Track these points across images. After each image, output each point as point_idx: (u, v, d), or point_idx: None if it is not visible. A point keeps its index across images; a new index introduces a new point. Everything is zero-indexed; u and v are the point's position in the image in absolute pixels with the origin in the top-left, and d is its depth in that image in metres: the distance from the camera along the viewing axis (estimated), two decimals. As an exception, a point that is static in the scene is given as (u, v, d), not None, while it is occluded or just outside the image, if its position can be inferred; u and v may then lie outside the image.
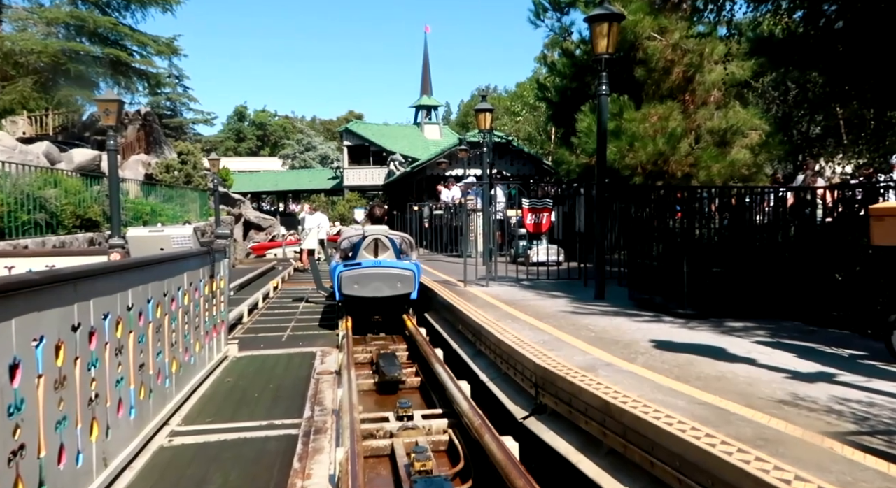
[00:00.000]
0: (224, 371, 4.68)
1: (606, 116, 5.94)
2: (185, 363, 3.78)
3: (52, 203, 7.09)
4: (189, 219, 13.17)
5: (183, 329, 3.77)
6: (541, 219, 6.70)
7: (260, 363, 4.99)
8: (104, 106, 6.28)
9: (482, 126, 10.23)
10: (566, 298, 5.93)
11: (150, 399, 3.09)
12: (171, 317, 3.51)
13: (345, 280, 6.32)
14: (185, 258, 3.73)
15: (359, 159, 31.33)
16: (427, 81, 33.16)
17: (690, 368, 2.93)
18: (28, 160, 8.53)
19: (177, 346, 3.59)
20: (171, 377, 3.46)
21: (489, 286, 6.78)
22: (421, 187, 18.07)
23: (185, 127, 39.70)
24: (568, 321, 4.54)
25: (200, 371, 4.20)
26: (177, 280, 3.62)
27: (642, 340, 3.72)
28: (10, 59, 14.47)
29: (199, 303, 4.19)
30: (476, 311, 5.00)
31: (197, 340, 4.15)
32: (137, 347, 2.90)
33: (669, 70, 11.49)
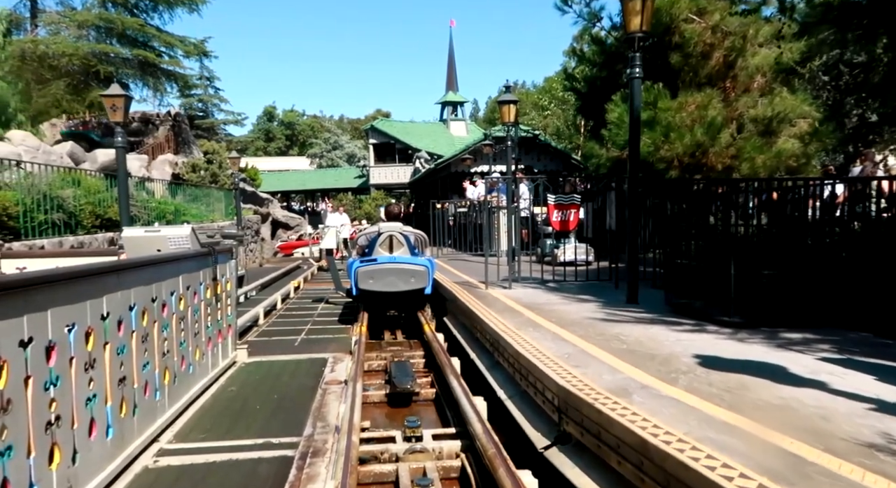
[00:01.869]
0: (229, 379, 4.44)
1: (640, 102, 5.46)
2: (180, 373, 3.53)
3: (70, 203, 7.04)
4: (214, 219, 13.18)
5: (178, 336, 3.52)
6: (568, 216, 6.26)
7: (267, 370, 4.74)
8: (111, 101, 6.15)
9: (506, 119, 9.82)
10: (595, 302, 5.49)
11: (135, 415, 2.84)
12: (162, 324, 3.25)
13: (360, 275, 6.24)
14: (176, 260, 3.47)
15: (384, 157, 31.21)
16: (452, 77, 32.76)
17: (745, 394, 2.47)
18: (52, 160, 8.59)
19: (169, 356, 3.34)
20: (161, 389, 3.20)
21: (512, 288, 6.39)
22: (445, 184, 17.72)
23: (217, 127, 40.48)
24: (596, 330, 4.11)
25: (201, 379, 3.96)
26: (169, 284, 3.37)
27: (683, 355, 3.27)
28: (44, 62, 14.81)
29: (198, 307, 3.95)
30: (494, 317, 4.62)
31: (197, 348, 3.91)
32: (116, 360, 2.64)
33: (708, 55, 10.77)
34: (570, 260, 8.59)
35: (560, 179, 13.98)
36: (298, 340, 6.02)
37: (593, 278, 6.98)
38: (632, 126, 5.48)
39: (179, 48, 17.38)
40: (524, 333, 3.98)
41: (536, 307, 5.15)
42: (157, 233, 3.85)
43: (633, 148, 5.50)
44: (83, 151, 10.85)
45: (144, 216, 8.90)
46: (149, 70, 16.73)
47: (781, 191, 5.75)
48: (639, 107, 5.45)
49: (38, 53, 14.10)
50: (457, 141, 28.04)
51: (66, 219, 6.93)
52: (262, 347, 5.65)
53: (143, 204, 9.15)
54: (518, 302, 5.47)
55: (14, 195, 6.30)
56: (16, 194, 6.27)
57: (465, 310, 5.37)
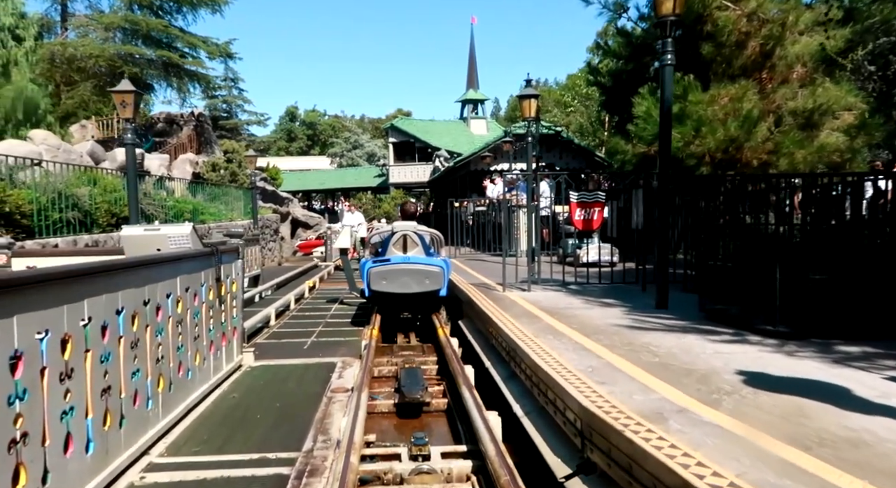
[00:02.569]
0: (233, 384, 4.25)
1: (671, 92, 5.10)
2: (177, 380, 3.33)
3: (86, 201, 7.00)
4: (232, 217, 13.15)
5: (175, 341, 3.33)
6: (591, 214, 5.92)
7: (273, 375, 4.54)
8: (120, 98, 6.05)
9: (527, 114, 9.43)
10: (620, 307, 5.14)
11: (122, 428, 2.64)
12: (156, 328, 3.06)
13: (373, 276, 6.03)
14: (173, 260, 3.28)
15: (404, 156, 31.07)
16: (473, 74, 32.43)
17: (805, 422, 2.13)
18: (71, 159, 8.60)
19: (164, 362, 3.15)
20: (154, 398, 3.01)
21: (531, 290, 6.08)
22: (465, 183, 17.42)
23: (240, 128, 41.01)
24: (623, 338, 3.79)
25: (202, 386, 3.77)
26: (165, 285, 3.18)
27: (725, 371, 2.93)
28: (72, 64, 15.04)
29: (199, 310, 3.76)
30: (511, 323, 4.33)
31: (197, 352, 3.72)
32: (99, 369, 2.44)
33: (743, 44, 10.23)
34: (594, 261, 8.24)
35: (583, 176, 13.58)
36: (308, 343, 5.82)
37: (618, 280, 6.62)
38: (662, 118, 5.12)
39: (202, 49, 17.51)
40: (543, 342, 3.68)
41: (557, 312, 4.84)
42: (157, 231, 3.67)
43: (663, 141, 5.14)
44: (104, 150, 10.92)
45: (161, 215, 8.86)
46: (172, 71, 16.88)
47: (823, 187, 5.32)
48: (670, 97, 5.09)
49: (66, 56, 14.33)
50: (477, 139, 27.71)
51: (82, 218, 6.89)
52: (270, 350, 5.47)
53: (161, 202, 9.11)
54: (537, 305, 5.17)
55: (28, 194, 6.27)
56: (30, 193, 6.23)
57: (481, 313, 5.09)
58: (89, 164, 8.88)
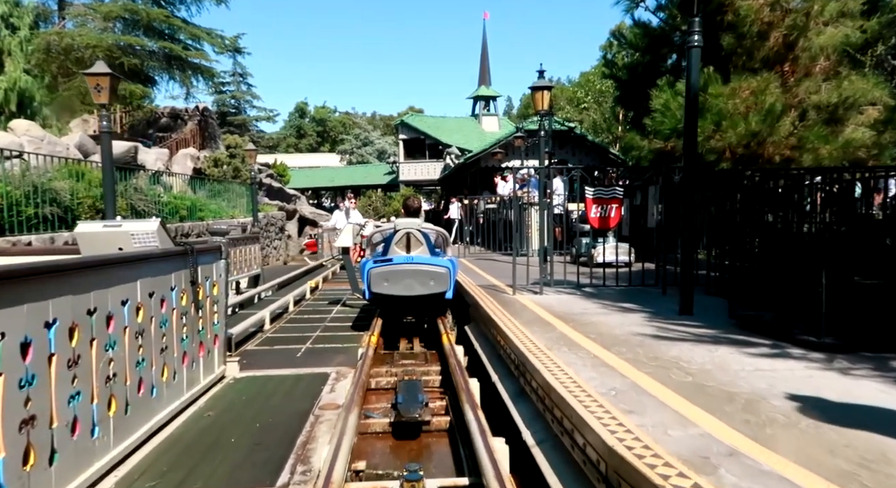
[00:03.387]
0: (211, 399, 3.83)
1: (698, 77, 4.59)
2: (136, 401, 2.91)
3: (65, 195, 6.63)
4: (234, 214, 12.82)
5: (133, 355, 2.91)
6: (608, 211, 5.42)
7: (258, 388, 4.12)
8: (95, 81, 5.62)
9: (539, 107, 8.98)
10: (641, 313, 4.65)
11: (53, 464, 2.22)
12: (106, 342, 2.64)
13: (374, 276, 5.60)
14: (130, 262, 2.85)
15: (414, 153, 30.64)
16: (485, 71, 31.87)
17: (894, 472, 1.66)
18: (57, 152, 8.28)
19: (116, 381, 2.72)
20: (103, 424, 2.59)
21: (543, 293, 5.59)
22: (475, 180, 16.95)
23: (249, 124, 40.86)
24: (648, 351, 3.30)
25: (171, 404, 3.35)
26: (119, 291, 2.75)
27: (772, 394, 2.44)
28: (69, 54, 14.78)
29: (167, 318, 3.34)
30: (521, 331, 3.86)
31: (165, 366, 3.30)
32: (16, 396, 2.02)
33: (766, 35, 9.66)
34: (609, 261, 7.74)
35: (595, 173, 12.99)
36: (302, 350, 5.40)
37: (636, 282, 6.11)
38: (688, 105, 4.62)
39: (207, 41, 17.18)
40: (557, 355, 3.21)
41: (571, 318, 4.36)
42: (118, 228, 3.26)
43: (689, 131, 4.63)
44: (94, 143, 10.61)
45: (154, 211, 8.51)
46: (175, 63, 16.57)
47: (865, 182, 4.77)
48: (697, 82, 4.58)
49: (63, 46, 14.06)
50: (489, 136, 27.17)
51: (61, 214, 6.53)
52: (260, 358, 5.05)
53: (154, 198, 8.76)
54: (549, 311, 4.68)
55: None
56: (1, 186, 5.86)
57: (488, 319, 4.62)
58: (77, 157, 8.56)
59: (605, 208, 5.44)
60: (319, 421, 3.42)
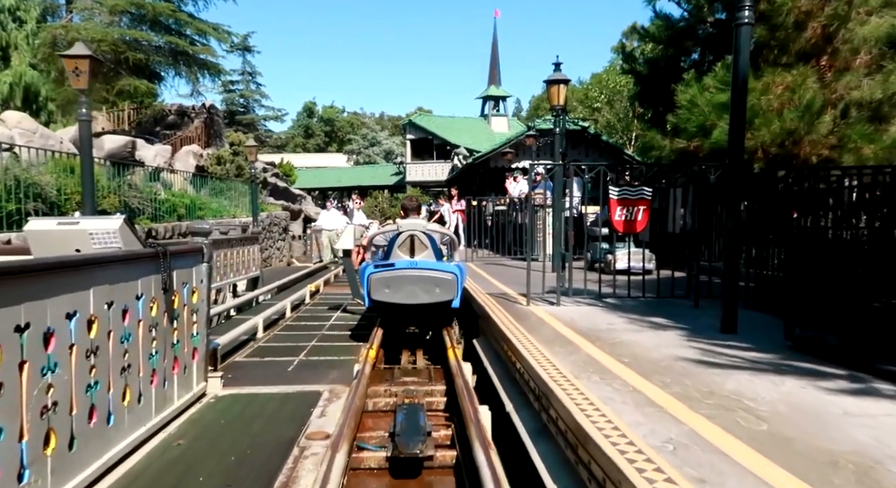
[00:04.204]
0: (185, 424, 3.35)
1: (747, 58, 4.05)
2: (84, 432, 2.44)
3: (51, 190, 6.21)
4: (235, 214, 12.41)
5: (83, 379, 2.44)
6: (635, 214, 4.90)
7: (240, 410, 3.64)
8: (73, 64, 5.13)
9: (555, 101, 8.46)
10: (676, 330, 4.12)
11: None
12: (43, 366, 2.17)
13: (374, 282, 5.08)
14: (78, 267, 2.38)
15: (422, 154, 30.18)
16: (495, 70, 31.38)
17: None
18: (49, 145, 7.89)
19: (57, 411, 2.25)
20: (36, 465, 2.11)
21: (560, 304, 5.08)
22: (484, 181, 16.44)
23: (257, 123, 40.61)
24: (698, 383, 2.78)
25: (134, 432, 2.88)
26: (62, 302, 2.28)
27: (886, 455, 1.91)
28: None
29: (131, 331, 2.86)
30: (540, 353, 3.35)
31: (127, 388, 2.82)
32: None
33: (803, 25, 9.06)
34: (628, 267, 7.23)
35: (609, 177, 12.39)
36: (295, 363, 4.93)
37: (663, 293, 5.55)
38: (735, 93, 4.10)
39: (213, 36, 16.84)
40: (587, 386, 2.70)
41: (597, 336, 3.84)
42: (75, 225, 2.80)
43: (735, 123, 4.12)
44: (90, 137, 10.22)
45: (150, 210, 8.09)
46: (181, 58, 16.23)
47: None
48: (747, 64, 4.05)
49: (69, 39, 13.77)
50: (498, 137, 26.66)
51: (46, 210, 6.13)
52: (247, 373, 4.58)
53: (150, 195, 8.35)
54: (571, 326, 4.16)
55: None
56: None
57: (500, 334, 4.12)
58: (72, 152, 8.18)
59: (631, 210, 4.92)
60: (304, 455, 2.93)
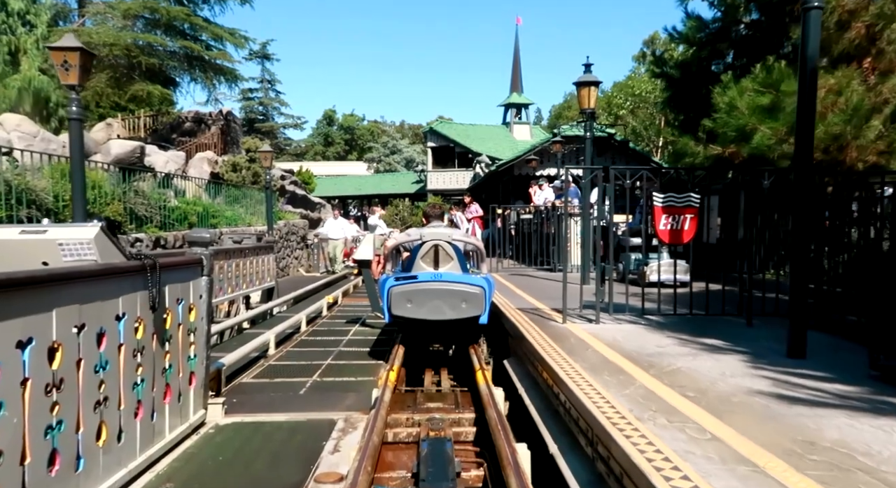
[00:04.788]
0: (177, 461, 2.93)
1: (817, 46, 3.53)
2: (44, 482, 2.02)
3: (45, 197, 5.91)
4: (251, 222, 12.14)
5: (41, 420, 2.02)
6: (681, 222, 4.36)
7: (242, 442, 3.21)
8: (61, 56, 4.71)
9: (585, 104, 7.98)
10: (735, 354, 3.58)
11: None
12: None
13: (395, 296, 4.66)
14: (37, 284, 1.97)
15: (443, 162, 29.83)
16: (517, 77, 30.95)
17: None
18: (51, 149, 7.67)
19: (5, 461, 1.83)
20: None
21: (599, 321, 4.55)
22: (507, 189, 15.94)
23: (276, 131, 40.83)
24: (788, 428, 2.25)
25: (111, 476, 2.46)
26: (9, 329, 1.87)
27: None
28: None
29: (109, 359, 2.45)
30: (587, 382, 2.84)
31: (103, 425, 2.41)
32: None
33: (846, 25, 8.47)
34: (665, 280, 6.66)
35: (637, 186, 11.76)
36: (308, 384, 4.49)
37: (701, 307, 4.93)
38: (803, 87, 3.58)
39: (229, 41, 16.74)
40: (653, 431, 2.18)
41: (649, 361, 3.31)
42: (41, 234, 2.41)
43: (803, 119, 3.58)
44: (96, 142, 10.05)
45: (158, 217, 7.80)
46: (196, 63, 16.14)
47: None
48: (815, 52, 3.51)
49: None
50: (520, 145, 26.18)
51: (41, 217, 5.83)
52: (254, 396, 4.16)
53: (159, 202, 8.06)
54: (616, 348, 3.64)
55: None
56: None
57: (537, 357, 3.61)
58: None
59: (677, 219, 4.38)
60: (312, 504, 2.47)
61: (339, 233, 13.63)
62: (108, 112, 14.98)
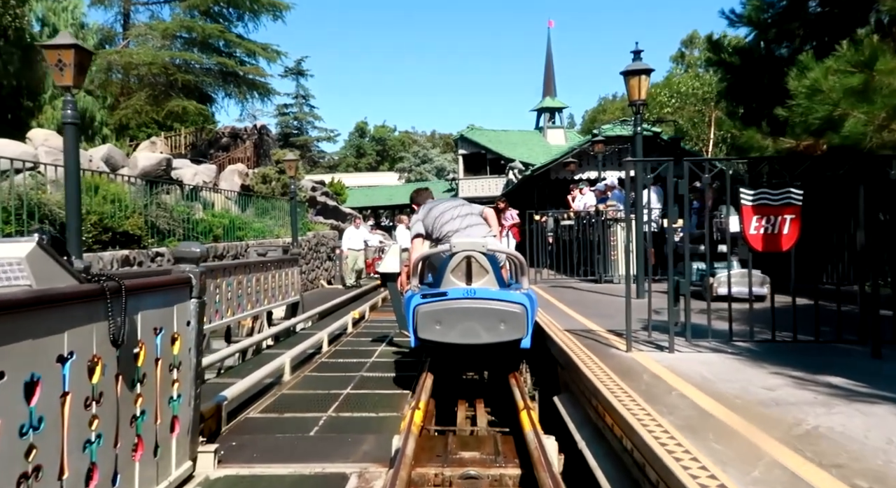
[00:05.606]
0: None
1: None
2: None
3: (59, 211, 5.56)
4: (279, 234, 11.76)
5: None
6: (778, 225, 3.52)
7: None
8: (55, 56, 4.21)
9: (634, 96, 7.17)
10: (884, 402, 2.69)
11: None
12: None
13: (422, 317, 3.98)
14: None
15: (475, 169, 29.19)
16: (550, 81, 30.13)
17: None
18: (77, 164, 7.43)
19: None
20: None
21: (674, 350, 3.73)
22: (543, 195, 15.11)
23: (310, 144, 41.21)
24: None
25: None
26: None
27: None
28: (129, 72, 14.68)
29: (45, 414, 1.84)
30: (689, 456, 2.04)
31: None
32: None
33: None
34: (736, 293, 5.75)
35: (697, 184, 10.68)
36: (321, 421, 3.84)
37: (802, 329, 4.02)
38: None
39: (262, 55, 16.74)
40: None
41: (763, 415, 2.48)
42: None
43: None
44: (124, 156, 9.88)
45: (180, 231, 7.42)
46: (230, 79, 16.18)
47: None
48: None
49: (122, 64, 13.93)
50: (554, 149, 25.28)
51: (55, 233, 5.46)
52: (257, 437, 3.52)
53: (182, 215, 7.69)
54: (711, 393, 2.81)
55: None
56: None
57: (602, 402, 2.84)
58: (103, 170, 7.69)
59: (772, 221, 3.55)
60: None
61: (358, 243, 13.10)
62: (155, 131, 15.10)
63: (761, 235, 3.59)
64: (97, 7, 15.94)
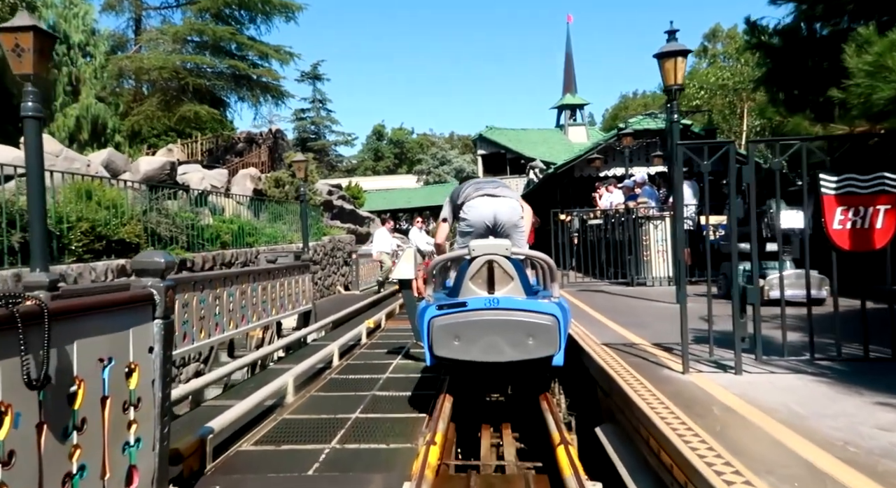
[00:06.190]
0: None
1: None
2: None
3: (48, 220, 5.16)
4: (292, 239, 11.36)
5: None
6: (870, 218, 2.87)
7: None
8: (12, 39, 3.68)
9: (670, 80, 6.51)
10: None
11: None
12: None
13: (438, 331, 3.47)
14: None
15: (494, 169, 28.54)
16: (570, 78, 29.34)
17: None
18: (75, 168, 7.10)
19: None
20: None
21: (742, 372, 3.08)
22: (566, 193, 14.43)
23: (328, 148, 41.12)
24: None
25: None
26: None
27: None
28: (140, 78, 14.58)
29: None
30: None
31: None
32: None
33: None
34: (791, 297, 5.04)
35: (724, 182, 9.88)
36: (323, 456, 3.30)
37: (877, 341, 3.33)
38: None
39: (274, 57, 16.48)
40: None
41: (888, 470, 1.84)
42: None
43: None
44: (125, 160, 9.61)
45: (183, 238, 7.02)
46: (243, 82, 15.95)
47: None
48: None
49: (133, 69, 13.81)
50: (576, 148, 24.48)
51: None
52: (248, 478, 3.00)
53: (186, 221, 7.30)
54: (806, 434, 2.18)
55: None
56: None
57: (664, 443, 2.23)
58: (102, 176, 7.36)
59: (863, 213, 2.90)
60: None
61: (387, 244, 12.64)
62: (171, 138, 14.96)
63: (848, 230, 2.93)
64: (108, 13, 15.93)
